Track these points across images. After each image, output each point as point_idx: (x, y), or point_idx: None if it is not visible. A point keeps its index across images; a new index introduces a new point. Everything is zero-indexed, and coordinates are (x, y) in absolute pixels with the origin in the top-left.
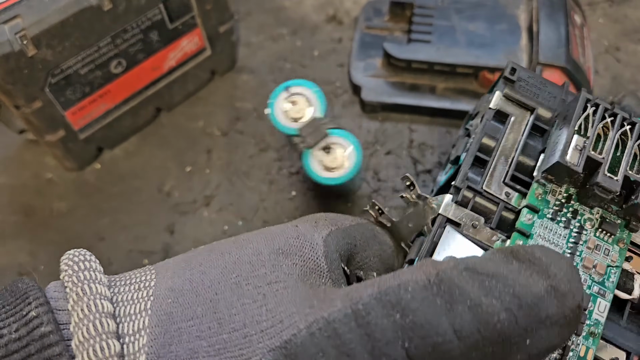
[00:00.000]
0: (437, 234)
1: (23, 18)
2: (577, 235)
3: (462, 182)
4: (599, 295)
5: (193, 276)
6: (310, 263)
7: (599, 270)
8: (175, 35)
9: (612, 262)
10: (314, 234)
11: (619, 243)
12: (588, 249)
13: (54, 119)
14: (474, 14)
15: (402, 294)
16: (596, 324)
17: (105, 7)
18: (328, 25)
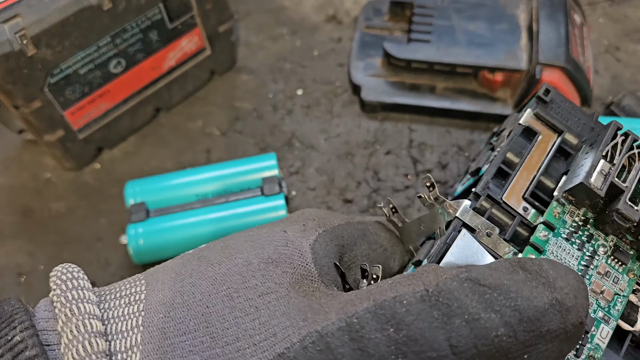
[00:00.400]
0: (451, 237)
1: (23, 17)
2: (589, 259)
3: (483, 189)
4: (603, 321)
5: (184, 288)
6: (300, 270)
7: (606, 296)
8: (175, 35)
9: (620, 290)
10: (302, 240)
11: (629, 273)
12: (598, 274)
13: (53, 119)
14: (473, 14)
15: (397, 307)
16: (597, 348)
17: (105, 6)
18: (328, 25)
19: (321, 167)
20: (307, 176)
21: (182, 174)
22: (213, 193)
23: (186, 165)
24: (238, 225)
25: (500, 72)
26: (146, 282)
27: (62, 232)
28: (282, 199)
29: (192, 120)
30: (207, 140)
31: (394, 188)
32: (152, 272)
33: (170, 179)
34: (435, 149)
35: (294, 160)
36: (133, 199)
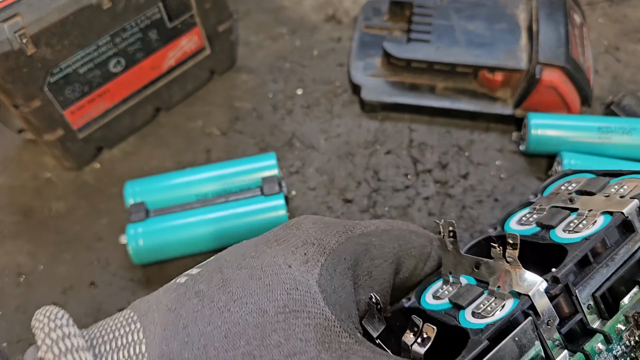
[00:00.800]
0: (516, 316)
1: (22, 16)
2: None
3: (566, 277)
4: None
5: (191, 339)
6: (319, 319)
7: None
8: (175, 34)
9: None
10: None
11: None
12: None
13: (52, 119)
14: (473, 14)
15: None
16: None
17: (104, 5)
18: (327, 24)
19: (321, 167)
20: (307, 176)
21: (182, 174)
22: (213, 193)
23: (186, 165)
24: (238, 225)
25: (500, 72)
26: (142, 326)
27: (62, 232)
28: (282, 199)
29: (192, 120)
30: (207, 140)
31: (394, 188)
32: (145, 310)
33: (170, 178)
34: (435, 148)
35: (294, 160)
36: (132, 199)
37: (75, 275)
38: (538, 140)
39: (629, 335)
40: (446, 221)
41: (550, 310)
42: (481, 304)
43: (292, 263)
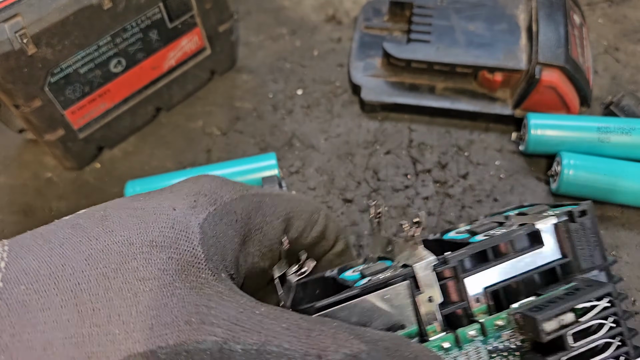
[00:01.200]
0: (395, 279)
1: (23, 16)
2: None
3: (454, 261)
4: None
5: (52, 259)
6: (186, 255)
7: None
8: (175, 34)
9: None
10: (191, 219)
11: None
12: None
13: (53, 118)
14: (473, 14)
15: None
16: None
17: (105, 5)
18: (327, 25)
19: (321, 167)
20: (307, 176)
21: (182, 174)
22: None
23: (186, 165)
24: None
25: (499, 72)
26: (9, 247)
27: None
28: None
29: (193, 120)
30: (207, 140)
31: (394, 188)
32: (19, 238)
33: (171, 178)
34: (435, 148)
35: (294, 160)
36: None
37: None
38: (537, 141)
39: (510, 336)
40: (376, 202)
41: (436, 289)
42: (380, 274)
43: (178, 206)
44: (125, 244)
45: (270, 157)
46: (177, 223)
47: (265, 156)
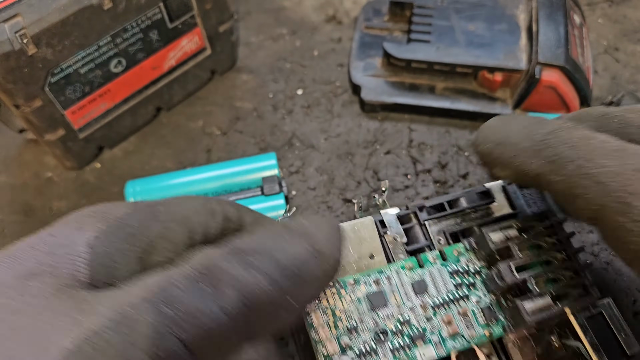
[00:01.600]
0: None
1: (23, 17)
2: (459, 298)
3: (416, 207)
4: (433, 344)
5: None
6: (67, 277)
7: (450, 330)
8: (175, 34)
9: (469, 336)
10: (76, 240)
11: (486, 330)
12: (458, 313)
13: (53, 118)
14: (473, 14)
15: (170, 290)
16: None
17: (105, 6)
18: (328, 25)
19: (321, 167)
20: (307, 176)
21: (183, 174)
22: (213, 192)
23: (187, 165)
24: None
25: (499, 72)
26: None
27: None
28: (282, 199)
29: (193, 120)
30: (207, 140)
31: (394, 188)
32: None
33: (171, 178)
34: (434, 148)
35: (294, 160)
36: (133, 199)
37: None
38: None
39: (468, 262)
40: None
41: (399, 229)
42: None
43: (59, 233)
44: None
45: (270, 157)
46: (58, 247)
47: (265, 156)
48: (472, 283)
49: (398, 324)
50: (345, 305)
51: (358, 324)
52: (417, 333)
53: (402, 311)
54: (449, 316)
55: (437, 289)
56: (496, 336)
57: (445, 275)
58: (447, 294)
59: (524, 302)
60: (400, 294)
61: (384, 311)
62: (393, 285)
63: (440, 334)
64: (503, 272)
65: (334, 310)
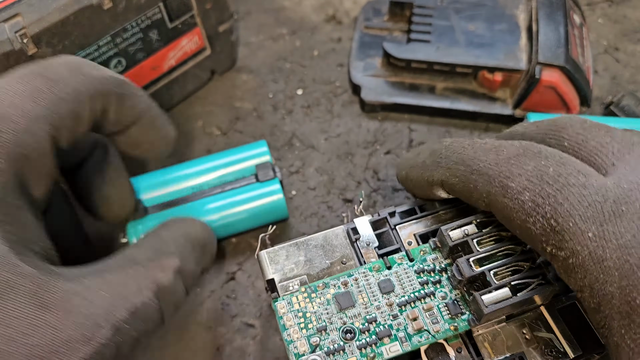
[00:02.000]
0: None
1: (23, 16)
2: (424, 296)
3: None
4: (399, 340)
5: None
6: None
7: (415, 325)
8: (175, 34)
9: (433, 331)
10: None
11: (452, 326)
12: (423, 309)
13: None
14: (473, 14)
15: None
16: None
17: (105, 5)
18: (327, 25)
19: (321, 167)
20: (307, 176)
21: (176, 169)
22: (208, 184)
23: None
24: (238, 212)
25: (499, 72)
26: None
27: None
28: (278, 183)
29: (193, 120)
30: (207, 140)
31: (394, 188)
32: None
33: (165, 174)
34: None
35: (294, 160)
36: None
37: None
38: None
39: (434, 260)
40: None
41: (371, 235)
42: None
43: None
44: None
45: (261, 144)
46: None
47: (256, 144)
48: (437, 280)
49: (365, 322)
50: (315, 308)
51: (327, 324)
52: (384, 330)
53: (369, 310)
54: (414, 312)
55: (403, 287)
56: (462, 330)
57: (412, 275)
58: (413, 292)
59: (482, 294)
60: (367, 294)
61: (351, 311)
62: (360, 286)
63: (406, 330)
64: (461, 266)
65: (304, 313)
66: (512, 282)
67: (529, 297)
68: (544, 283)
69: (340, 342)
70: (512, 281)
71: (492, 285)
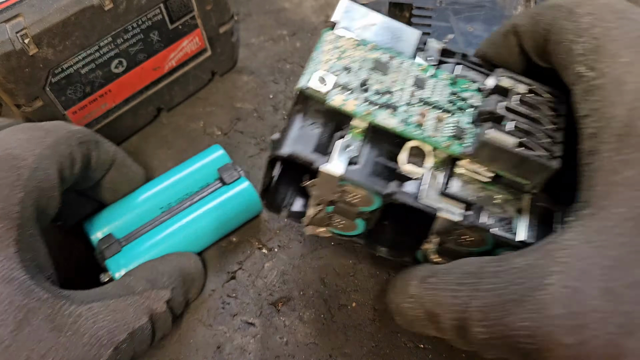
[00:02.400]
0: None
1: (24, 17)
2: (443, 108)
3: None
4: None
5: None
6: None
7: (417, 119)
8: (176, 35)
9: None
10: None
11: (446, 143)
12: (435, 116)
13: (54, 118)
14: (472, 15)
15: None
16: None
17: (106, 6)
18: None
19: None
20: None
21: (138, 193)
22: (176, 200)
23: None
24: (214, 219)
25: None
26: None
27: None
28: (246, 181)
29: (194, 121)
30: (208, 140)
31: None
32: None
33: (129, 200)
34: None
35: None
36: (99, 234)
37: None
38: None
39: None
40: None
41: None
42: None
43: None
44: None
45: (215, 148)
46: None
47: (210, 149)
48: (462, 107)
49: (384, 89)
50: (355, 54)
51: (354, 69)
52: (392, 103)
53: (393, 85)
54: (425, 111)
55: (432, 92)
56: (452, 151)
57: (447, 90)
58: (437, 100)
59: (490, 128)
60: (402, 76)
61: (380, 77)
62: (402, 68)
63: (408, 117)
64: (489, 100)
65: (344, 52)
66: (523, 139)
67: (527, 157)
68: (549, 158)
69: (355, 85)
70: (523, 137)
71: (504, 128)
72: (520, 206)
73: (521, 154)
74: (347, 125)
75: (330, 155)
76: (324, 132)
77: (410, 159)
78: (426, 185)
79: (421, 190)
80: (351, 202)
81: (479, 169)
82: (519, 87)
